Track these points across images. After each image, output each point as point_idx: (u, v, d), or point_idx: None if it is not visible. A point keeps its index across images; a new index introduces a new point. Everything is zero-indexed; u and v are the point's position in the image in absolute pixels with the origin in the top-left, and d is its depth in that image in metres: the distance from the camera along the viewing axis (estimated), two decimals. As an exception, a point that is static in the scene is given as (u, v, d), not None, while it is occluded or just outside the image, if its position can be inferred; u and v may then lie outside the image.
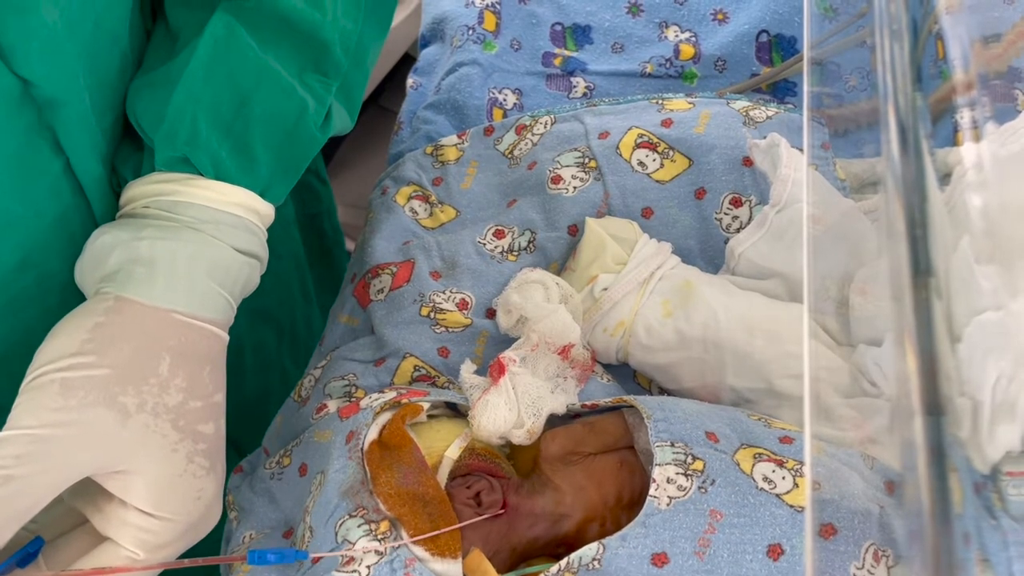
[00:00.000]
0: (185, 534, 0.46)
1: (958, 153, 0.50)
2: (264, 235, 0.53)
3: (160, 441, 0.44)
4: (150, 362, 0.45)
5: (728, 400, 0.61)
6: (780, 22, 0.82)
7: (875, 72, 0.43)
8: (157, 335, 0.46)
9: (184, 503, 0.45)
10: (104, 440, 0.43)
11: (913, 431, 0.32)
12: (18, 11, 0.42)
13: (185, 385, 0.46)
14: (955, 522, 0.31)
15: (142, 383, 0.44)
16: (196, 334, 0.47)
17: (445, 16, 0.88)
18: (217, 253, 0.49)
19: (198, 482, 0.46)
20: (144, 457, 0.44)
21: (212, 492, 0.46)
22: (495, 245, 0.70)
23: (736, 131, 0.70)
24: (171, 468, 0.45)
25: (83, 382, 0.43)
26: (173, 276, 0.47)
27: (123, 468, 0.44)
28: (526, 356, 0.61)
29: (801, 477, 0.51)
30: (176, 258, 0.48)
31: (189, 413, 0.46)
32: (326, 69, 0.55)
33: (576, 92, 0.84)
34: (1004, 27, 0.55)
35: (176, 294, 0.47)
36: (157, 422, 0.44)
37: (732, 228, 0.67)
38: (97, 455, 0.43)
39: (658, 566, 0.49)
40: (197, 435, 0.46)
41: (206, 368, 0.47)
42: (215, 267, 0.49)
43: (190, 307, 0.47)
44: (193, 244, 0.49)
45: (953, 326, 0.40)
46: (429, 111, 0.83)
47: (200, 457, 0.46)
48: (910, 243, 0.36)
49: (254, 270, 0.52)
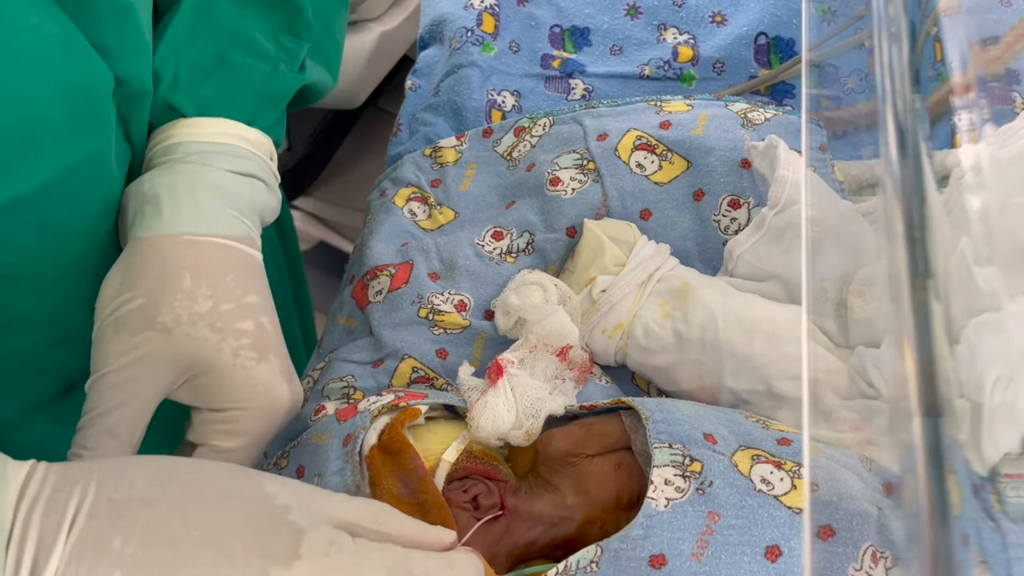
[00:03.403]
0: (258, 420, 0.50)
1: (956, 155, 0.50)
2: (261, 159, 0.57)
3: (203, 345, 0.48)
4: (174, 281, 0.49)
5: (726, 402, 0.61)
6: (778, 24, 0.82)
7: (873, 74, 0.43)
8: (173, 258, 0.50)
9: (243, 392, 0.49)
10: (159, 359, 0.48)
11: (911, 433, 0.32)
12: (120, 17, 0.48)
13: (210, 292, 0.50)
14: (954, 524, 0.31)
15: (172, 300, 0.49)
16: (209, 248, 0.51)
17: (444, 18, 0.88)
18: (211, 177, 0.53)
19: (250, 373, 0.49)
20: (195, 362, 0.49)
21: (268, 379, 0.50)
22: (494, 247, 0.70)
23: (734, 133, 0.70)
24: (221, 365, 0.49)
25: (127, 317, 0.49)
26: (175, 205, 0.52)
27: (184, 378, 0.49)
28: (524, 358, 0.61)
29: (799, 478, 0.51)
30: (175, 189, 0.52)
31: (223, 315, 0.49)
32: (298, 30, 0.59)
33: (575, 94, 0.84)
34: (1002, 29, 0.55)
35: (181, 219, 0.51)
36: (195, 329, 0.49)
37: (730, 230, 0.67)
38: (159, 373, 0.48)
39: (656, 568, 0.49)
40: (237, 332, 0.49)
41: (228, 275, 0.51)
42: (213, 189, 0.53)
43: (197, 227, 0.51)
44: (187, 173, 0.53)
45: (952, 328, 0.40)
46: (428, 113, 0.83)
47: (246, 351, 0.49)
48: (908, 245, 0.36)
49: (257, 189, 0.55)
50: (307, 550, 0.39)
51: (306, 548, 0.39)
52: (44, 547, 0.37)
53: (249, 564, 0.38)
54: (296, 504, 0.41)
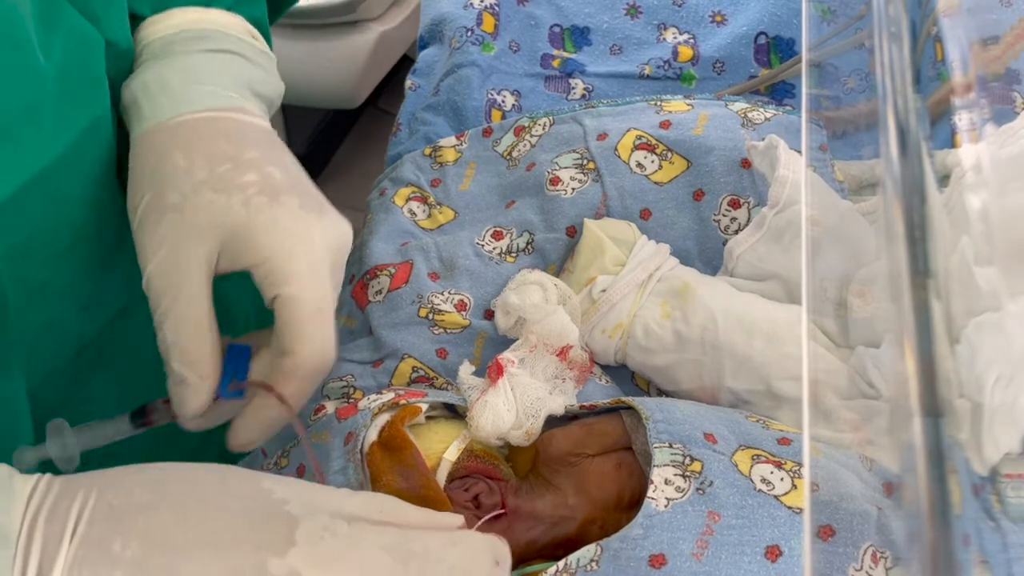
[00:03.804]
0: (295, 261, 0.49)
1: (957, 155, 0.50)
2: (232, 37, 0.57)
3: (212, 208, 0.48)
4: (168, 164, 0.50)
5: (726, 401, 0.61)
6: (778, 24, 0.82)
7: (874, 74, 0.43)
8: (162, 144, 0.51)
9: (267, 237, 0.48)
10: (182, 239, 0.48)
11: (912, 433, 0.32)
12: None
13: (204, 162, 0.50)
14: (954, 524, 0.31)
15: (173, 181, 0.49)
16: (193, 125, 0.51)
17: (444, 18, 0.88)
18: (180, 63, 0.54)
19: (264, 216, 0.49)
20: (215, 228, 0.48)
21: (287, 219, 0.49)
22: (493, 246, 0.70)
23: (734, 133, 0.70)
24: (236, 219, 0.48)
25: (146, 210, 0.50)
26: (151, 99, 0.52)
27: (215, 249, 0.49)
28: (524, 357, 0.61)
29: (799, 478, 0.51)
30: (148, 85, 0.53)
31: (222, 176, 0.49)
32: None
33: (575, 94, 0.84)
34: (1002, 29, 0.55)
35: (161, 109, 0.52)
36: (200, 197, 0.49)
37: (730, 230, 0.67)
38: (190, 252, 0.48)
39: (656, 567, 0.49)
40: (241, 185, 0.49)
41: (219, 141, 0.51)
42: (183, 71, 0.53)
43: (177, 110, 0.52)
44: (157, 68, 0.54)
45: (952, 328, 0.40)
46: (428, 112, 0.83)
47: (256, 197, 0.49)
48: (909, 245, 0.36)
49: (233, 62, 0.56)
50: (302, 537, 0.39)
51: (301, 535, 0.39)
52: (48, 553, 0.38)
53: (245, 556, 0.39)
54: (293, 497, 0.41)
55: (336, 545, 0.40)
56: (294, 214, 0.49)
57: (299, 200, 0.50)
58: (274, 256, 0.48)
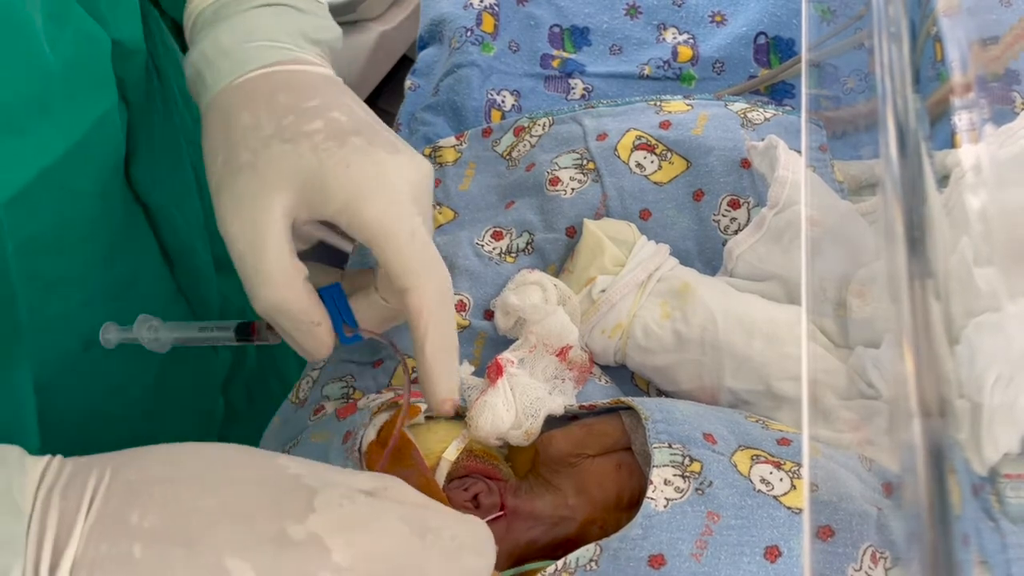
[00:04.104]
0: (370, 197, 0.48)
1: (956, 155, 0.50)
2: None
3: (284, 160, 0.49)
4: (235, 124, 0.50)
5: (726, 402, 0.61)
6: (778, 24, 0.82)
7: (873, 74, 0.43)
8: (227, 107, 0.52)
9: (340, 181, 0.48)
10: (258, 195, 0.48)
11: (911, 433, 0.32)
12: None
13: (269, 115, 0.50)
14: (953, 524, 0.31)
15: (242, 140, 0.50)
16: (251, 83, 0.52)
17: (443, 18, 0.88)
18: (236, 22, 0.54)
19: (335, 159, 0.48)
20: (290, 179, 0.48)
21: (358, 157, 0.49)
22: (493, 247, 0.70)
23: (734, 133, 0.70)
24: (309, 167, 0.48)
25: (222, 178, 0.50)
26: (210, 67, 0.53)
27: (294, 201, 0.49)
28: (524, 358, 0.61)
29: (798, 479, 0.51)
30: (205, 54, 0.53)
31: (287, 128, 0.49)
32: None
33: (574, 94, 0.84)
34: (1002, 29, 0.55)
35: (220, 75, 0.52)
36: (270, 151, 0.49)
37: (730, 230, 0.67)
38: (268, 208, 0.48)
39: (655, 568, 0.49)
40: (308, 133, 0.49)
41: (279, 96, 0.51)
42: (241, 29, 0.53)
43: (234, 73, 0.52)
44: (210, 35, 0.54)
45: (952, 328, 0.40)
46: (427, 112, 0.83)
47: (325, 142, 0.49)
48: (908, 245, 0.36)
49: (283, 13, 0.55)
50: (321, 504, 0.39)
51: (320, 502, 0.39)
52: (65, 526, 0.37)
53: (265, 525, 0.38)
54: (307, 472, 0.41)
55: (356, 512, 0.40)
56: (363, 152, 0.49)
57: (367, 139, 0.50)
58: (351, 200, 0.48)
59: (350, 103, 0.52)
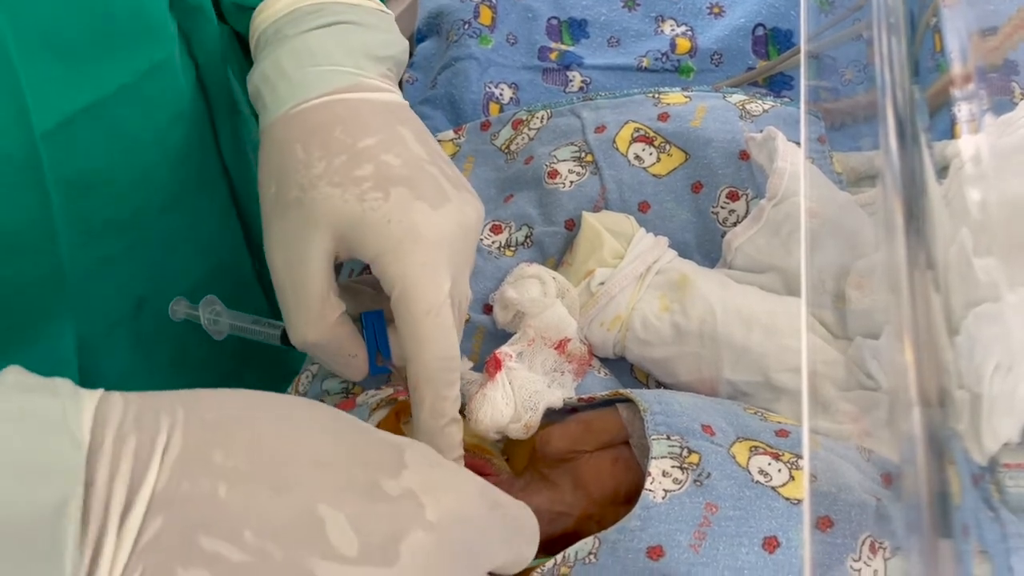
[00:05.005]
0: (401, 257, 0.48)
1: (956, 146, 0.50)
2: (334, 4, 0.56)
3: (328, 203, 0.49)
4: (289, 156, 0.51)
5: (725, 394, 0.61)
6: (776, 16, 0.81)
7: (872, 65, 0.43)
8: (283, 137, 0.52)
9: (376, 236, 0.48)
10: (302, 233, 0.49)
11: (911, 423, 0.32)
12: None
13: (322, 153, 0.50)
14: (953, 514, 0.31)
15: (293, 174, 0.50)
16: (309, 113, 0.52)
17: (441, 11, 0.88)
18: (297, 43, 0.53)
19: (379, 212, 0.48)
20: (333, 223, 0.49)
21: (399, 211, 0.49)
22: (492, 240, 0.70)
23: (733, 125, 0.70)
24: (351, 215, 0.48)
25: (272, 207, 0.51)
26: (271, 90, 0.53)
27: (335, 241, 0.49)
28: (523, 351, 0.61)
29: (797, 470, 0.51)
30: (266, 76, 0.53)
31: (338, 170, 0.49)
32: None
33: (572, 86, 0.84)
34: (1001, 20, 0.55)
35: (279, 99, 0.52)
36: (318, 192, 0.49)
37: (729, 222, 0.67)
38: (310, 246, 0.49)
39: (654, 559, 0.49)
40: (356, 179, 0.49)
41: (335, 130, 0.51)
42: (302, 52, 0.53)
43: (295, 99, 0.52)
44: (272, 56, 0.54)
45: (951, 319, 0.40)
46: (425, 106, 0.83)
47: (371, 192, 0.49)
48: (908, 236, 0.36)
49: (345, 32, 0.55)
50: (411, 461, 0.39)
51: (410, 459, 0.39)
52: (140, 463, 0.34)
53: (358, 475, 0.37)
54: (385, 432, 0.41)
55: (444, 473, 0.40)
56: (405, 208, 0.49)
57: (413, 191, 0.49)
58: (382, 254, 0.48)
59: (407, 137, 0.52)
